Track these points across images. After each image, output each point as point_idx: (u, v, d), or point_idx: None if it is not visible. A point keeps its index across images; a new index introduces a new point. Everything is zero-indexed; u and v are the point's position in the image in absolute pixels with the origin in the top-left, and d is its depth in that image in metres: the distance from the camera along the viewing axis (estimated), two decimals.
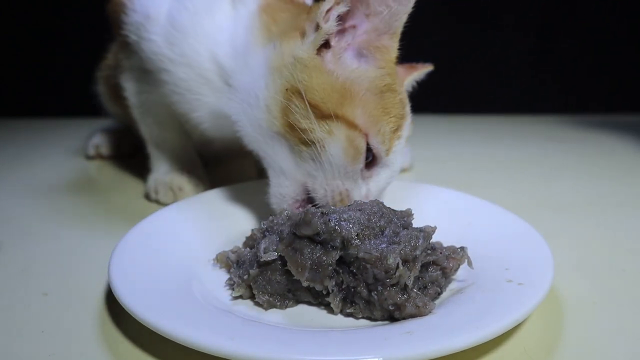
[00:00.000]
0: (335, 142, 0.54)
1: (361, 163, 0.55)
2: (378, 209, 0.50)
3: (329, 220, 0.46)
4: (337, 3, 0.54)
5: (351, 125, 0.54)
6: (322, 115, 0.54)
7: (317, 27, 0.55)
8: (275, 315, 0.48)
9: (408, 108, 0.61)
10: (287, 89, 0.55)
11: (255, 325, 0.44)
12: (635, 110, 1.57)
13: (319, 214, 0.47)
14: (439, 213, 0.61)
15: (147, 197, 0.81)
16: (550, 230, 0.59)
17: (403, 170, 0.97)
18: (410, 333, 0.40)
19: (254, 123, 0.59)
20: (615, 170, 1.03)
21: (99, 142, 1.09)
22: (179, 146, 0.82)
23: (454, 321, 0.42)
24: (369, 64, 0.56)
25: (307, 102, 0.53)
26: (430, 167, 1.03)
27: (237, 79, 0.62)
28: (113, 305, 0.49)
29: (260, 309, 0.48)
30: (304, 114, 0.54)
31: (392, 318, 0.45)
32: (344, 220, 0.46)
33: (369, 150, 0.56)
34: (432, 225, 0.50)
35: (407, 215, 0.52)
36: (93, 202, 0.83)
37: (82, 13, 1.39)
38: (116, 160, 1.07)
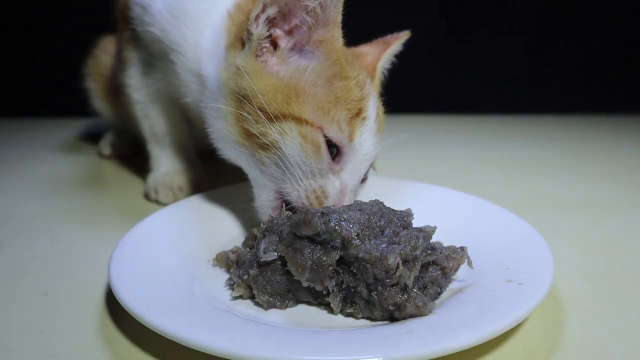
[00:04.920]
0: (289, 141, 0.54)
1: (324, 157, 0.54)
2: (378, 209, 0.50)
3: (329, 220, 0.46)
4: (264, 8, 0.54)
5: (301, 121, 0.53)
6: (271, 117, 0.54)
7: (250, 34, 0.55)
8: (275, 315, 0.48)
9: (369, 87, 0.59)
10: (236, 97, 0.56)
11: (255, 325, 0.44)
12: (635, 110, 1.57)
13: (319, 214, 0.47)
14: (439, 213, 0.60)
15: (147, 197, 0.81)
16: (550, 230, 0.59)
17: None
18: (410, 333, 0.40)
19: (219, 134, 0.60)
20: (616, 170, 1.03)
21: (113, 140, 1.08)
22: (181, 143, 0.82)
23: (454, 321, 0.42)
24: (314, 58, 0.56)
25: (255, 107, 0.54)
26: (429, 167, 1.03)
27: (208, 87, 0.62)
28: (113, 305, 0.49)
29: (260, 309, 0.48)
30: (256, 118, 0.54)
31: (392, 318, 0.45)
32: (344, 220, 0.46)
33: (331, 144, 0.55)
34: (432, 225, 0.50)
35: (407, 215, 0.52)
36: (93, 201, 0.83)
37: (81, 11, 1.39)
38: (116, 160, 1.07)
